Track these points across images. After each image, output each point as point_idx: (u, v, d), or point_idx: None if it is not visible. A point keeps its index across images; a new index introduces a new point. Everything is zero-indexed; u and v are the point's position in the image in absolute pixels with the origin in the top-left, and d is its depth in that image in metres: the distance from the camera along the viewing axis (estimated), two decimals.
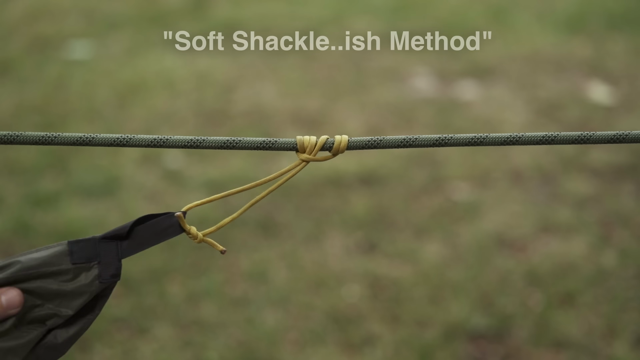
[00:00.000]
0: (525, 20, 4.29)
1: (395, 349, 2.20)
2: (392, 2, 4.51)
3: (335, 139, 0.96)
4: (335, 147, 0.96)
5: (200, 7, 4.45)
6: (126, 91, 3.59)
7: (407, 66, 3.79)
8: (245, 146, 0.98)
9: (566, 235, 2.63)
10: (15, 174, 2.96)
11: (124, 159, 3.03)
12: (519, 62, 3.87)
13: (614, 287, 2.40)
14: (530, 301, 2.36)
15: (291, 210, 2.75)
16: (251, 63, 3.80)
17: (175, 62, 3.80)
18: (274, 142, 0.98)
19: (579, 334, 2.23)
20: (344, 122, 3.35)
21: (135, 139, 0.97)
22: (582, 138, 0.96)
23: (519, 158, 3.05)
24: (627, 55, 3.93)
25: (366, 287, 2.42)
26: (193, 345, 2.21)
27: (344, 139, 0.96)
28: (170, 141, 0.98)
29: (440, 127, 3.29)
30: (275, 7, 4.38)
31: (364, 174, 2.95)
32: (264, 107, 3.48)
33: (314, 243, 2.57)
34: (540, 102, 3.51)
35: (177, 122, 3.37)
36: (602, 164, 3.00)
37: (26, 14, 4.35)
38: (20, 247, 2.57)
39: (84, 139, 0.97)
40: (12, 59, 3.86)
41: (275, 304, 2.33)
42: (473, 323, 2.27)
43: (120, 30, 4.18)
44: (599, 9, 4.39)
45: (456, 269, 2.49)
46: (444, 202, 2.83)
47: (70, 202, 2.79)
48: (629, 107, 3.48)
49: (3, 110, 3.42)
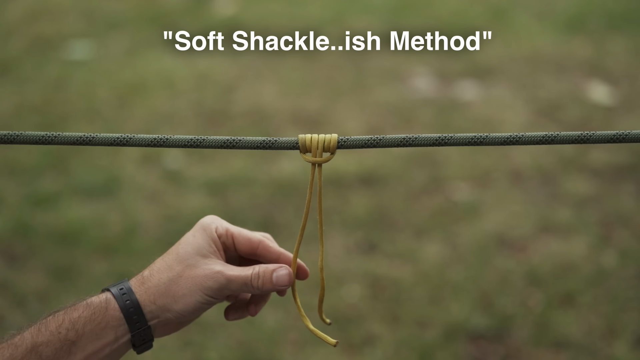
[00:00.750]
0: (525, 20, 4.29)
1: (395, 349, 2.20)
2: (392, 2, 4.51)
3: (332, 137, 0.96)
4: (333, 146, 0.96)
5: (200, 7, 4.45)
6: (126, 91, 3.59)
7: (407, 66, 3.79)
8: (246, 145, 0.98)
9: (566, 236, 2.63)
10: (15, 174, 2.96)
11: (124, 159, 3.03)
12: (519, 62, 3.87)
13: (614, 287, 2.40)
14: (530, 301, 2.36)
15: (291, 210, 2.75)
16: (251, 63, 3.80)
17: (175, 62, 3.80)
18: (274, 142, 0.98)
19: (579, 334, 2.23)
20: (343, 122, 3.35)
21: (135, 138, 0.97)
22: (582, 138, 0.96)
23: (519, 158, 3.05)
24: (627, 55, 3.93)
25: (366, 287, 2.42)
26: (193, 345, 2.21)
27: (333, 137, 0.96)
28: (170, 141, 0.97)
29: (440, 127, 3.29)
30: (275, 7, 4.38)
31: (364, 174, 2.95)
32: (264, 107, 3.48)
33: (314, 243, 2.56)
34: (540, 102, 3.51)
35: (177, 122, 3.37)
36: (602, 164, 3.00)
37: (26, 14, 4.35)
38: (21, 247, 2.57)
39: (84, 138, 0.97)
40: (12, 59, 3.86)
41: (275, 304, 2.33)
42: (473, 323, 2.27)
43: (120, 30, 4.18)
44: (599, 9, 4.39)
45: (456, 269, 2.49)
46: (444, 202, 2.83)
47: (70, 202, 2.79)
48: (629, 107, 3.48)
49: (3, 110, 3.42)
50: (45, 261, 2.50)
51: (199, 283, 0.95)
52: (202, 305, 0.95)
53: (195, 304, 0.95)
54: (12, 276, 2.44)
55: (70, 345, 0.91)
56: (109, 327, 0.93)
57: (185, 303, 0.94)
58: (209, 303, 0.96)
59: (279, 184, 2.88)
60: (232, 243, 1.00)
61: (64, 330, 0.91)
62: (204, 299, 0.95)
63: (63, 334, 0.91)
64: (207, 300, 0.95)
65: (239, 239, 1.01)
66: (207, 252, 0.97)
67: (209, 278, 0.95)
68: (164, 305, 0.95)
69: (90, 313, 0.93)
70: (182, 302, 0.94)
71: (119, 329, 0.93)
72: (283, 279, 0.98)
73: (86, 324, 0.92)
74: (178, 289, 0.95)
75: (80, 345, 0.91)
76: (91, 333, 0.92)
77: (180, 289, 0.95)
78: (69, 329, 0.91)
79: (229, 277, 0.95)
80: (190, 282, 0.95)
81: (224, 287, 0.95)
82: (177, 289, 0.95)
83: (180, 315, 0.95)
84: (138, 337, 0.94)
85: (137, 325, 0.94)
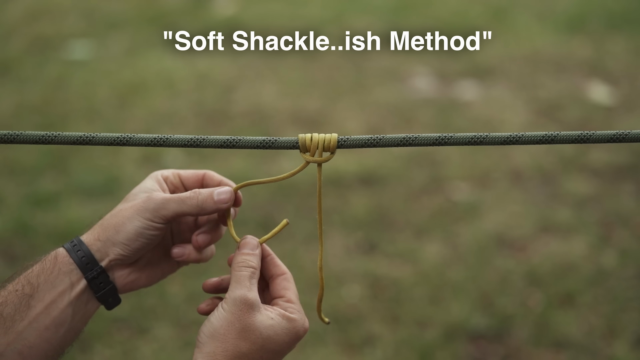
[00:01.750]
0: (525, 20, 4.29)
1: (395, 349, 2.20)
2: (392, 2, 4.51)
3: (332, 137, 0.96)
4: (333, 145, 0.96)
5: (200, 7, 4.45)
6: (126, 91, 3.59)
7: (407, 66, 3.79)
8: (246, 145, 0.98)
9: (566, 236, 2.63)
10: (15, 174, 2.96)
11: (124, 159, 3.03)
12: (519, 62, 3.87)
13: (614, 287, 2.40)
14: (530, 301, 2.36)
15: (291, 210, 2.75)
16: (251, 63, 3.80)
17: (175, 62, 3.80)
18: (274, 141, 0.98)
19: (579, 334, 2.23)
20: (343, 122, 3.35)
21: (135, 138, 0.97)
22: (582, 138, 0.96)
23: (519, 158, 3.05)
24: (627, 55, 3.93)
25: (366, 287, 2.42)
26: (193, 345, 2.21)
27: (333, 137, 0.96)
28: (170, 140, 0.98)
29: (440, 127, 3.29)
30: (275, 7, 4.38)
31: (364, 174, 2.95)
32: (264, 107, 3.48)
33: (314, 243, 2.57)
34: (540, 102, 3.51)
35: (177, 122, 3.37)
36: (602, 164, 3.00)
37: (26, 14, 4.35)
38: (21, 247, 2.57)
39: (84, 138, 0.98)
40: (12, 59, 3.86)
41: None
42: (473, 323, 2.27)
43: (120, 30, 4.18)
44: (599, 9, 4.39)
45: (456, 269, 2.49)
46: (444, 202, 2.83)
47: (70, 202, 2.79)
48: (629, 107, 3.48)
49: (3, 110, 3.42)
50: None
51: (136, 208, 0.97)
52: (143, 230, 0.97)
53: (135, 229, 0.96)
54: None
55: (28, 299, 0.94)
56: (61, 273, 0.95)
57: (127, 230, 0.96)
58: (150, 227, 0.97)
59: (279, 184, 2.88)
60: (179, 181, 1.03)
61: (20, 287, 0.94)
62: (143, 223, 0.97)
63: (20, 290, 0.94)
64: (146, 224, 0.97)
65: (185, 174, 1.04)
66: (151, 190, 1.00)
67: (145, 201, 0.97)
68: (107, 239, 0.97)
69: (42, 265, 0.95)
70: (123, 230, 0.97)
71: (72, 274, 0.95)
72: (224, 195, 1.00)
73: (39, 275, 0.95)
74: (117, 220, 0.97)
75: (38, 297, 0.94)
76: (46, 283, 0.94)
77: (120, 218, 0.97)
78: (25, 285, 0.94)
79: (164, 196, 0.98)
80: (129, 211, 0.97)
81: (160, 206, 0.97)
82: (117, 220, 0.97)
83: (125, 246, 0.97)
84: (95, 282, 0.96)
85: (88, 265, 0.96)
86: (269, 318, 0.94)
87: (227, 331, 0.93)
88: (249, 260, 0.98)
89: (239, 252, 0.99)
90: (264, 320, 0.94)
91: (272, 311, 0.95)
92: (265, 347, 0.93)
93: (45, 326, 0.94)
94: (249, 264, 0.97)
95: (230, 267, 0.98)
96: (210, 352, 0.93)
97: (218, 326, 0.93)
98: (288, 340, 0.95)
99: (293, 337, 0.95)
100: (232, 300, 0.94)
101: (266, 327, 0.93)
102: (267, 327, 0.93)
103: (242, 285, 0.95)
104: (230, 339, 0.92)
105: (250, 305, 0.93)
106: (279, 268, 1.01)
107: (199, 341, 0.94)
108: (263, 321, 0.93)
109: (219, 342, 0.93)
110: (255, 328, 0.93)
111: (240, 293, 0.94)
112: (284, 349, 0.95)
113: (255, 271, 0.97)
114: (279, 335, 0.94)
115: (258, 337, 0.93)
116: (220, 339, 0.93)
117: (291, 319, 0.95)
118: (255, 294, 0.95)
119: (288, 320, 0.95)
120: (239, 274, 0.96)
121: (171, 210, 0.97)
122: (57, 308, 0.94)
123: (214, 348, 0.93)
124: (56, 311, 0.94)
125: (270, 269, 1.01)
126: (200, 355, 0.93)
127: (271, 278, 1.00)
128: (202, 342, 0.94)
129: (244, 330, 0.92)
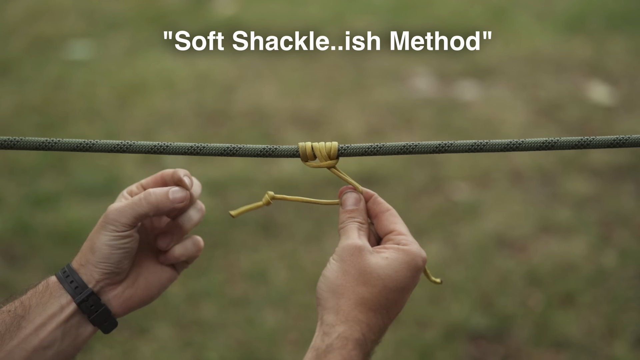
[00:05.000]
0: (525, 20, 4.29)
1: (395, 349, 2.20)
2: (392, 2, 4.51)
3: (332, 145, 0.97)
4: (334, 154, 0.97)
5: (200, 7, 4.45)
6: (126, 91, 3.59)
7: (407, 66, 3.79)
8: (246, 153, 0.99)
9: (566, 235, 2.63)
10: (15, 174, 2.96)
11: (124, 160, 3.03)
12: (519, 62, 3.87)
13: (614, 287, 2.40)
14: (530, 301, 2.36)
15: (291, 210, 2.75)
16: (251, 63, 3.80)
17: (175, 62, 3.80)
18: (274, 150, 0.99)
19: (579, 334, 2.23)
20: (343, 122, 3.35)
21: (135, 145, 0.98)
22: (582, 143, 0.96)
23: (519, 158, 3.05)
24: (627, 55, 3.93)
25: None
26: (193, 345, 2.21)
27: (333, 145, 0.97)
28: (170, 148, 0.98)
29: (440, 128, 3.29)
30: (275, 7, 4.38)
31: (364, 174, 2.95)
32: (264, 107, 3.48)
33: (313, 243, 2.57)
34: (540, 102, 3.51)
35: (177, 123, 3.37)
36: (602, 164, 3.00)
37: (26, 14, 4.35)
38: (21, 247, 2.58)
39: (84, 144, 0.98)
40: (12, 59, 3.86)
41: (275, 304, 2.33)
42: (473, 323, 2.27)
43: (120, 30, 4.18)
44: (599, 9, 4.39)
45: (456, 269, 2.49)
46: (444, 203, 2.83)
47: (70, 202, 2.79)
48: (629, 107, 3.48)
49: (3, 111, 3.42)
50: (45, 261, 2.50)
51: (100, 225, 1.00)
52: (113, 242, 0.99)
53: (105, 244, 0.99)
54: (12, 276, 2.44)
55: (20, 319, 0.96)
56: (53, 297, 0.98)
57: (99, 248, 0.99)
58: (117, 237, 0.99)
59: (279, 184, 2.88)
60: (143, 191, 1.05)
61: (13, 307, 0.97)
62: (109, 235, 0.99)
63: (12, 311, 0.97)
64: (112, 236, 0.99)
65: (146, 182, 1.05)
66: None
67: (105, 216, 1.00)
68: (87, 262, 1.00)
69: (35, 289, 0.99)
70: (96, 249, 0.99)
71: (62, 298, 0.98)
72: (179, 193, 1.01)
73: (32, 298, 0.98)
74: (90, 242, 1.00)
75: (29, 318, 0.97)
76: (37, 305, 0.97)
77: (91, 240, 1.00)
78: (18, 306, 0.97)
79: (119, 204, 1.00)
80: (96, 230, 1.00)
81: (117, 215, 0.99)
82: (90, 242, 1.00)
83: (104, 263, 0.99)
84: (85, 305, 0.98)
85: (77, 289, 0.98)
86: (383, 258, 0.93)
87: (345, 280, 0.92)
88: (354, 217, 0.98)
89: (342, 210, 1.00)
90: (378, 261, 0.93)
91: (384, 251, 0.94)
92: (387, 286, 0.92)
93: (34, 347, 0.96)
94: (354, 219, 0.98)
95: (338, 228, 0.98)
96: (333, 306, 0.91)
97: (333, 278, 0.92)
98: (409, 274, 0.94)
99: (413, 269, 0.94)
100: (342, 249, 0.94)
101: (382, 267, 0.92)
102: (383, 266, 0.92)
103: (349, 236, 0.95)
104: (349, 287, 0.91)
105: (360, 250, 0.93)
106: (383, 205, 1.00)
107: (319, 299, 0.93)
108: (377, 262, 0.93)
109: (338, 293, 0.91)
110: (371, 270, 0.92)
111: (348, 242, 0.94)
112: (407, 284, 0.94)
113: (362, 225, 0.97)
114: (398, 272, 0.93)
115: (377, 278, 0.92)
116: (339, 290, 0.92)
117: (406, 250, 0.94)
118: (364, 241, 0.95)
119: (404, 252, 0.94)
120: (346, 227, 0.97)
121: (128, 215, 0.99)
122: (45, 330, 0.97)
123: (336, 300, 0.91)
124: (44, 333, 0.97)
125: (374, 207, 1.00)
126: (325, 312, 0.91)
127: (376, 217, 1.00)
128: (323, 298, 0.92)
129: (360, 274, 0.92)
